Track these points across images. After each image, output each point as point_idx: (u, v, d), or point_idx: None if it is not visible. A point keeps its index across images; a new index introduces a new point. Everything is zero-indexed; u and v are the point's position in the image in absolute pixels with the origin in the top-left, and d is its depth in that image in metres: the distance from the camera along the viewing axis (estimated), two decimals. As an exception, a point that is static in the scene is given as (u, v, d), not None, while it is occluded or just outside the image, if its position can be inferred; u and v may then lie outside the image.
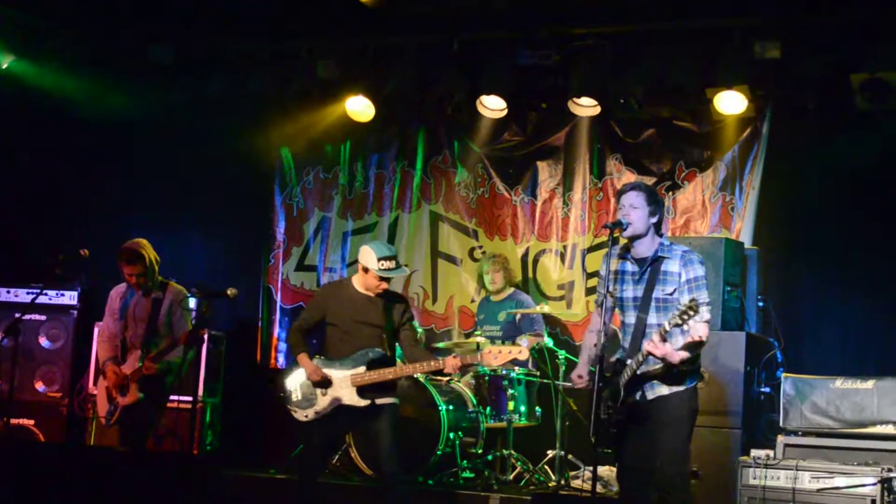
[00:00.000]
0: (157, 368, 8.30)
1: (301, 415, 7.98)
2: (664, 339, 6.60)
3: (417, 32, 10.45)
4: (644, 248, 6.91)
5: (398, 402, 8.04)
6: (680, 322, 6.54)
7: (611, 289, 6.93)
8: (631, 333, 6.91)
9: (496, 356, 7.84)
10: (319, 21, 10.38)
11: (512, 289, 10.51)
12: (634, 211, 6.87)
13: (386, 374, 7.92)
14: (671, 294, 6.79)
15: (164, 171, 11.70)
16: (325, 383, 7.90)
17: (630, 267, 6.96)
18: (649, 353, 6.67)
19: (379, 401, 7.89)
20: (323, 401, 7.92)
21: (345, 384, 7.87)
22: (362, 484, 9.23)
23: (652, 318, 6.81)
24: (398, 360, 8.20)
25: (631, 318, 6.93)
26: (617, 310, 7.02)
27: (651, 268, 6.88)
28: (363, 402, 7.87)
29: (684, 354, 6.66)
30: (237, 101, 10.97)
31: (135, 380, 8.32)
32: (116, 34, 10.79)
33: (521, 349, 7.89)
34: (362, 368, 7.89)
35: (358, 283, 8.06)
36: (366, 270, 7.95)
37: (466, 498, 8.94)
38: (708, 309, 6.74)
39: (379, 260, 7.88)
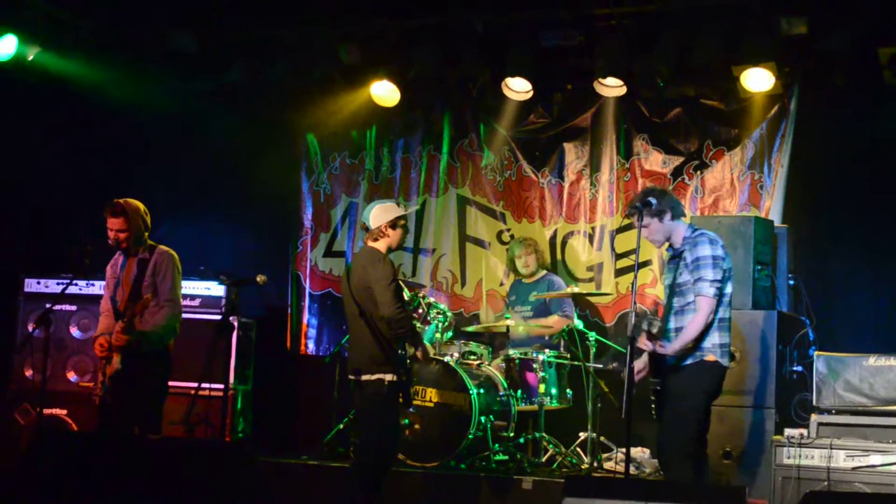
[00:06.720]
0: (127, 340, 7.82)
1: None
2: (651, 338, 7.05)
3: (440, 15, 10.40)
4: (676, 240, 7.32)
5: None
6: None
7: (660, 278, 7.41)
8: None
9: None
10: (341, 5, 10.36)
11: (544, 271, 10.48)
12: (646, 230, 7.28)
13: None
14: (683, 278, 7.19)
15: (190, 160, 11.71)
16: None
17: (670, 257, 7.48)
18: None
19: None
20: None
21: None
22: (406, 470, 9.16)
23: (673, 303, 7.25)
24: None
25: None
26: None
27: (678, 259, 7.28)
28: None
29: (675, 347, 7.11)
30: (261, 87, 10.93)
31: (115, 350, 7.88)
32: (139, 23, 10.79)
33: None
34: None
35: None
36: (402, 220, 7.90)
37: (499, 481, 8.91)
38: (709, 284, 7.05)
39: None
